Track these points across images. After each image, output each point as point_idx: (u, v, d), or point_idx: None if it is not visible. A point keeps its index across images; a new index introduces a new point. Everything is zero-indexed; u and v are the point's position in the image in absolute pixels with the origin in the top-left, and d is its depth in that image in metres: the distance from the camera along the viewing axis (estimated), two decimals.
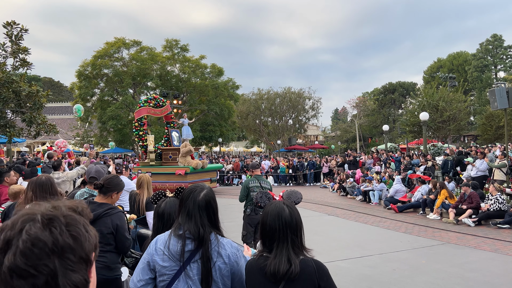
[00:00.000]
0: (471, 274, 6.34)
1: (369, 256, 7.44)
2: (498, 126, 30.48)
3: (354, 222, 11.28)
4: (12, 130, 9.31)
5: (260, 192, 2.65)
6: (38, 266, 0.84)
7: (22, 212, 0.93)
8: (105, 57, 32.25)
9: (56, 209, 0.94)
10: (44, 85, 48.80)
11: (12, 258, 0.84)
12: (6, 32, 9.09)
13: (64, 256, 0.88)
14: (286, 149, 41.67)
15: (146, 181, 5.21)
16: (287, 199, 2.41)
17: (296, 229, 2.13)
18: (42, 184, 3.70)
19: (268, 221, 2.15)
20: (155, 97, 19.23)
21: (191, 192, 2.35)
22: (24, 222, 0.89)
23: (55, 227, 0.89)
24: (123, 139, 32.96)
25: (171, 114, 19.92)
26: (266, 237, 2.15)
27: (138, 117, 18.21)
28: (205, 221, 2.27)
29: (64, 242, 0.88)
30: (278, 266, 2.02)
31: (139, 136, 18.31)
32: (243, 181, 6.52)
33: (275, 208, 2.18)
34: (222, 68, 36.01)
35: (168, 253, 2.20)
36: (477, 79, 49.28)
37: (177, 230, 2.26)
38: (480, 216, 10.38)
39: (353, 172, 19.56)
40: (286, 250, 2.07)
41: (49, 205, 0.96)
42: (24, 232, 0.87)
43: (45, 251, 0.85)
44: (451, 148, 18.82)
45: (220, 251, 2.23)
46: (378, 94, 60.21)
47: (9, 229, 0.89)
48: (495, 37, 50.79)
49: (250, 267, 2.19)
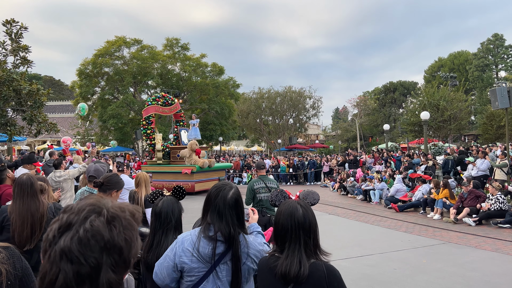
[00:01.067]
0: (472, 274, 6.33)
1: (370, 255, 7.43)
2: (499, 125, 30.43)
3: (354, 221, 11.28)
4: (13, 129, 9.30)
5: (276, 191, 2.59)
6: (88, 257, 0.88)
7: (90, 201, 0.98)
8: (106, 55, 32.28)
9: (122, 210, 0.99)
10: (45, 83, 48.81)
11: (69, 241, 0.89)
12: (6, 30, 9.08)
13: (112, 255, 0.92)
14: (287, 148, 41.67)
15: (144, 179, 5.22)
16: (303, 199, 2.35)
17: (309, 231, 2.07)
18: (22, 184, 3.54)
19: (281, 221, 2.11)
20: (163, 95, 19.02)
21: (220, 190, 2.31)
22: (90, 212, 0.95)
23: (115, 226, 0.94)
24: (124, 138, 32.99)
25: (180, 113, 19.73)
26: (278, 237, 2.11)
27: (146, 116, 18.03)
28: (235, 220, 2.25)
29: (117, 242, 0.93)
30: (290, 267, 1.97)
31: (147, 134, 18.14)
32: (248, 183, 6.36)
33: (288, 208, 2.13)
34: (223, 67, 36.05)
35: (198, 255, 2.18)
36: (478, 78, 49.19)
37: (207, 231, 2.22)
38: (481, 216, 10.37)
39: (353, 171, 19.56)
40: (298, 252, 2.02)
41: (115, 204, 1.01)
42: (89, 221, 0.92)
43: (100, 245, 0.90)
44: (452, 148, 18.81)
45: (249, 252, 2.24)
46: (379, 93, 60.14)
47: (74, 213, 0.95)
48: (496, 37, 50.69)
49: (262, 265, 2.17)
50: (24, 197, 3.31)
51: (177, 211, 2.83)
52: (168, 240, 2.70)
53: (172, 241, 2.67)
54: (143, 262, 2.81)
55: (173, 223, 2.76)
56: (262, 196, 6.16)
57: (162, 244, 2.68)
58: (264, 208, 6.12)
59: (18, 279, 1.49)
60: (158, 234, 2.72)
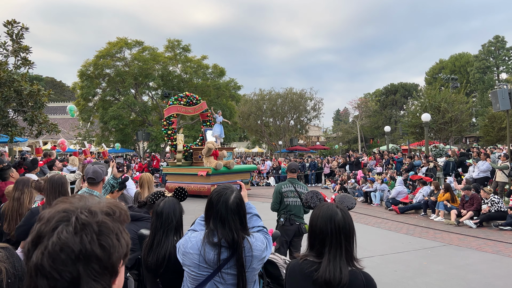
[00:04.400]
0: (473, 276, 6.31)
1: (370, 257, 7.41)
2: (500, 127, 30.39)
3: (355, 223, 11.21)
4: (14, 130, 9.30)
5: (311, 192, 2.49)
6: (61, 272, 0.84)
7: (61, 208, 0.92)
8: (107, 57, 32.34)
9: (92, 214, 0.91)
10: (46, 85, 48.91)
11: (40, 256, 0.85)
12: (7, 31, 9.09)
13: (89, 265, 0.87)
14: (288, 150, 41.65)
15: (146, 180, 5.26)
16: (339, 203, 2.25)
17: (350, 236, 2.00)
18: (53, 182, 3.74)
19: (319, 224, 2.01)
20: (187, 94, 18.43)
21: (221, 195, 2.28)
22: (58, 221, 0.88)
23: (86, 235, 0.88)
24: (125, 139, 33.01)
25: (207, 112, 18.94)
26: (316, 240, 2.02)
27: (167, 116, 17.42)
28: (238, 225, 2.24)
29: (92, 251, 0.87)
30: (334, 274, 1.87)
31: (168, 135, 17.56)
32: (276, 185, 5.82)
33: (328, 211, 2.04)
34: (224, 69, 36.08)
35: (202, 261, 2.20)
36: (479, 80, 49.15)
37: (211, 237, 2.22)
38: (482, 218, 10.36)
39: (354, 173, 19.55)
40: (340, 258, 1.93)
41: (87, 206, 0.93)
42: (56, 234, 0.86)
43: (71, 258, 0.85)
44: (453, 150, 18.77)
45: (254, 254, 2.23)
46: (380, 95, 60.14)
47: (44, 223, 0.89)
48: (498, 39, 50.66)
49: (293, 271, 2.07)
50: (55, 194, 3.64)
51: (178, 212, 2.83)
52: (168, 240, 2.70)
53: (173, 242, 2.67)
54: (143, 263, 2.81)
55: (174, 224, 2.76)
56: (290, 201, 5.60)
57: (163, 244, 2.68)
58: (292, 216, 5.56)
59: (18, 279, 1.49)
60: (159, 234, 2.71)
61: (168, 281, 2.66)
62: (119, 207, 1.00)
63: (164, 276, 2.67)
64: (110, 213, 0.95)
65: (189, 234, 2.37)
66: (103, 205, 0.97)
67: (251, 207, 2.56)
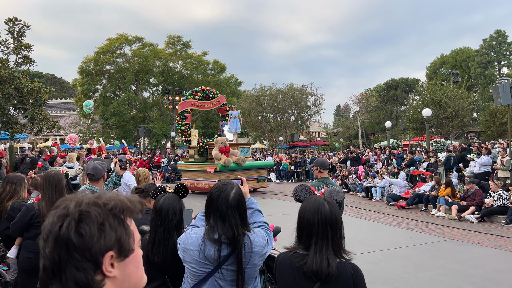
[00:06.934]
0: (474, 271, 6.33)
1: (372, 252, 7.43)
2: (501, 122, 30.33)
3: (356, 219, 11.27)
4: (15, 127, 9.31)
5: (301, 186, 2.52)
6: (48, 253, 0.92)
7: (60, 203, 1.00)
8: (107, 53, 32.32)
9: (78, 203, 0.96)
10: (46, 81, 48.91)
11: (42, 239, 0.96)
12: (8, 29, 9.09)
13: (70, 253, 0.91)
14: (288, 146, 41.67)
15: (142, 176, 5.33)
16: (328, 196, 2.29)
17: (336, 227, 2.03)
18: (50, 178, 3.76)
19: (306, 216, 2.06)
20: (203, 89, 17.74)
21: (221, 191, 2.28)
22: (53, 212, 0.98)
23: (65, 221, 0.93)
24: (126, 136, 33.04)
25: (225, 107, 18.22)
26: (303, 232, 2.06)
27: (181, 111, 16.87)
28: (238, 221, 2.24)
29: (68, 237, 0.91)
30: (321, 264, 1.92)
31: (181, 131, 17.03)
32: None
33: (315, 203, 2.08)
34: (225, 65, 36.03)
35: (202, 258, 2.20)
36: (481, 75, 49.01)
37: (211, 234, 2.22)
38: (483, 213, 10.35)
39: (355, 168, 19.55)
40: (326, 249, 1.97)
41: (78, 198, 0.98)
42: (46, 220, 0.97)
43: (55, 243, 0.92)
44: (454, 145, 18.76)
45: (254, 250, 2.23)
46: (381, 90, 60.02)
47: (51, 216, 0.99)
48: (499, 33, 50.45)
49: (282, 262, 2.11)
50: (52, 191, 3.69)
51: (178, 209, 2.80)
52: (172, 239, 2.68)
53: (176, 240, 2.66)
54: (145, 259, 2.80)
55: (175, 222, 2.75)
56: None
57: (167, 243, 2.66)
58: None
59: None
60: (159, 231, 2.70)
61: (177, 279, 2.65)
62: (119, 199, 1.00)
63: (176, 275, 2.66)
64: (99, 204, 0.97)
65: (190, 230, 2.37)
66: (95, 196, 0.99)
67: (252, 202, 2.56)
